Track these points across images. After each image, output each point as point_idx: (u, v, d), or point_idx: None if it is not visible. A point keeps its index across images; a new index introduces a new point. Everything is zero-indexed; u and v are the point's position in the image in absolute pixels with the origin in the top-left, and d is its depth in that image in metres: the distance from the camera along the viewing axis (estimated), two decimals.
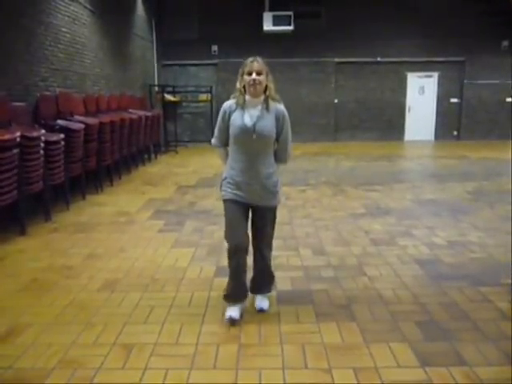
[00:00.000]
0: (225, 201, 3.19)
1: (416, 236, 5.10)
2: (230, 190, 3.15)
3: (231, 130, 3.11)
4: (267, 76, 3.09)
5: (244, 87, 3.07)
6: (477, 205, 6.56)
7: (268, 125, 3.07)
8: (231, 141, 3.16)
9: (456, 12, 14.11)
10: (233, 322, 3.15)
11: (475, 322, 3.18)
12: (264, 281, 3.41)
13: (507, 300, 3.50)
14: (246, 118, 3.05)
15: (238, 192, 3.13)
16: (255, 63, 3.03)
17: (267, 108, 3.08)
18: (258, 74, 3.02)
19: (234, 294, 3.27)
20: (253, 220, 3.27)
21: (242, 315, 3.24)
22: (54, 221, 5.84)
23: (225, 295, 3.32)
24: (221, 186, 3.22)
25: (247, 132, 3.03)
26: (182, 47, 14.41)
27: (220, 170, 3.39)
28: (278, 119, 3.11)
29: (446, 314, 3.30)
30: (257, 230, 3.27)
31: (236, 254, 3.16)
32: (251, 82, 3.02)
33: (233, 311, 3.20)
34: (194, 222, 5.70)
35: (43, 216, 5.83)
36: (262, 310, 3.34)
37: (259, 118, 3.05)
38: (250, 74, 3.02)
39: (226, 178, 3.18)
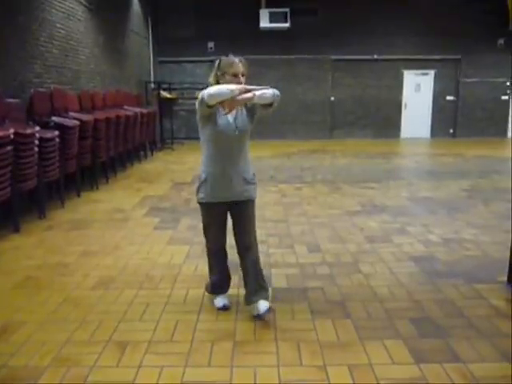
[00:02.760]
0: (205, 203, 3.14)
1: (411, 233, 5.11)
2: (209, 192, 3.08)
3: (211, 128, 3.00)
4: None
5: (218, 84, 2.98)
6: (472, 202, 6.57)
7: (245, 120, 3.08)
8: (210, 139, 3.04)
9: (452, 10, 14.14)
10: (226, 308, 3.30)
11: (470, 319, 3.18)
12: (260, 284, 3.24)
13: (502, 297, 3.51)
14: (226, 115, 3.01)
15: (219, 193, 3.08)
16: (240, 64, 2.98)
17: (244, 106, 3.07)
18: (242, 75, 2.99)
19: (221, 286, 3.39)
20: (236, 220, 3.19)
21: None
22: (48, 218, 5.82)
23: (212, 290, 3.40)
24: (198, 189, 3.13)
25: (230, 129, 3.01)
26: (178, 44, 14.37)
27: None
28: (250, 109, 3.09)
29: (440, 311, 3.31)
30: (243, 227, 3.19)
31: (219, 252, 3.32)
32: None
33: (224, 300, 3.35)
34: (190, 219, 5.69)
35: (37, 213, 5.81)
36: (259, 316, 3.13)
37: (238, 115, 3.05)
38: (235, 75, 2.96)
39: (205, 181, 3.08)
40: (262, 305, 3.14)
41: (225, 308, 3.31)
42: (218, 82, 3.00)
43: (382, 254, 4.48)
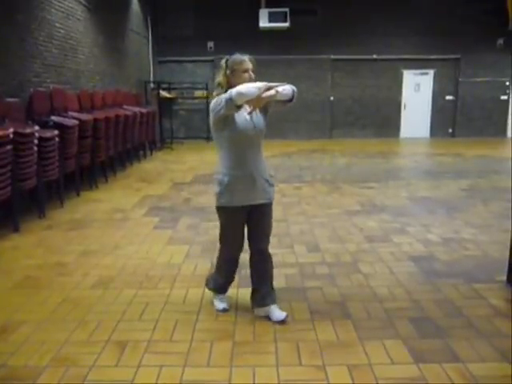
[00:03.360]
0: (229, 208, 3.05)
1: (411, 233, 5.11)
2: (234, 196, 3.00)
3: (231, 130, 2.96)
4: None
5: (228, 83, 2.97)
6: (471, 202, 6.57)
7: (260, 118, 3.08)
8: (231, 141, 2.99)
9: (452, 10, 14.14)
10: (226, 311, 3.31)
11: (469, 318, 3.18)
12: (272, 287, 3.26)
13: (501, 297, 3.51)
14: (244, 114, 2.99)
15: (244, 196, 3.02)
16: (249, 61, 2.99)
17: None
18: (251, 71, 3.00)
19: (224, 288, 3.39)
20: (254, 223, 3.15)
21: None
22: (47, 218, 5.82)
23: (214, 287, 3.39)
24: (220, 194, 3.04)
25: (249, 128, 2.99)
26: (177, 43, 14.36)
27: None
28: (264, 107, 3.06)
29: (439, 310, 3.31)
30: (262, 231, 3.17)
31: (234, 259, 3.27)
32: (249, 82, 2.97)
33: (224, 303, 3.34)
34: (189, 219, 5.69)
35: (37, 213, 5.80)
36: (283, 321, 3.13)
37: (253, 113, 3.02)
38: (246, 71, 2.97)
39: (229, 184, 2.99)
40: (279, 312, 3.17)
41: (224, 311, 3.31)
42: (228, 82, 2.97)
43: (381, 253, 4.48)
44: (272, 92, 2.82)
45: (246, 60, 2.98)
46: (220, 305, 3.34)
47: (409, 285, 3.75)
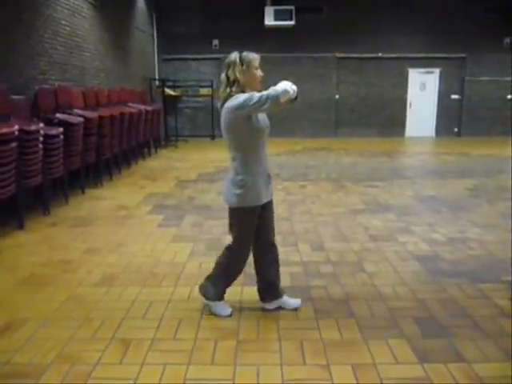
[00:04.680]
0: (251, 208, 3.02)
1: (415, 232, 5.09)
2: (257, 194, 3.00)
3: (253, 127, 2.91)
4: None
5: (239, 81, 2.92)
6: (476, 201, 6.54)
7: (266, 115, 3.10)
8: (252, 138, 2.95)
9: (458, 9, 14.07)
10: (230, 315, 3.25)
11: (474, 318, 3.17)
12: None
13: (506, 297, 3.49)
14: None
15: (264, 193, 3.05)
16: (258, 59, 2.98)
17: None
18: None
19: (224, 292, 3.29)
20: (268, 218, 3.20)
21: None
22: (52, 215, 5.83)
23: (217, 297, 3.25)
24: (242, 195, 2.97)
25: (266, 125, 3.03)
26: (182, 41, 14.37)
27: (222, 165, 3.32)
28: None
29: (444, 310, 3.29)
30: (269, 225, 3.23)
31: (243, 265, 3.24)
32: (260, 79, 2.99)
33: (228, 306, 3.27)
34: (194, 217, 5.69)
35: (42, 210, 5.82)
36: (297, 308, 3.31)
37: None
38: (258, 68, 2.97)
39: (253, 184, 2.97)
40: (293, 300, 3.34)
41: (230, 315, 3.23)
42: (236, 79, 2.90)
43: (386, 252, 4.47)
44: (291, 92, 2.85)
45: (258, 56, 2.98)
46: (227, 310, 3.25)
47: (413, 284, 3.74)
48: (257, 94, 2.80)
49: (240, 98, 2.84)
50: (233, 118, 2.87)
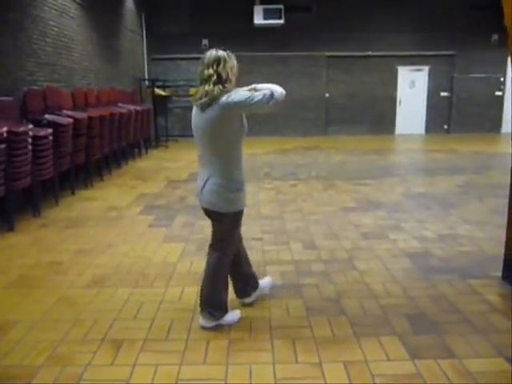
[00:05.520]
0: (241, 212, 3.02)
1: (406, 230, 5.12)
2: (244, 197, 2.98)
3: (238, 129, 2.86)
4: None
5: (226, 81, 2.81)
6: (467, 198, 6.59)
7: None
8: (237, 140, 2.88)
9: (446, 6, 14.14)
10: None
11: (464, 314, 3.19)
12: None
13: (496, 293, 3.52)
14: None
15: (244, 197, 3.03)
16: None
17: None
18: None
19: (227, 301, 3.15)
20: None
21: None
22: (42, 216, 5.79)
23: (225, 310, 3.09)
24: (236, 199, 2.91)
25: (247, 127, 2.96)
26: (172, 41, 14.31)
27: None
28: None
29: (435, 307, 3.31)
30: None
31: (230, 259, 3.16)
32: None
33: (236, 311, 3.19)
34: (185, 217, 5.68)
35: (32, 212, 5.78)
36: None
37: None
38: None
39: (242, 187, 2.94)
40: (266, 280, 3.53)
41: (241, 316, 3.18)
42: (227, 75, 2.78)
43: (377, 250, 4.48)
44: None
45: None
46: (237, 314, 3.16)
47: (404, 281, 3.76)
48: (257, 93, 2.71)
49: (238, 94, 2.73)
50: (228, 115, 2.75)
